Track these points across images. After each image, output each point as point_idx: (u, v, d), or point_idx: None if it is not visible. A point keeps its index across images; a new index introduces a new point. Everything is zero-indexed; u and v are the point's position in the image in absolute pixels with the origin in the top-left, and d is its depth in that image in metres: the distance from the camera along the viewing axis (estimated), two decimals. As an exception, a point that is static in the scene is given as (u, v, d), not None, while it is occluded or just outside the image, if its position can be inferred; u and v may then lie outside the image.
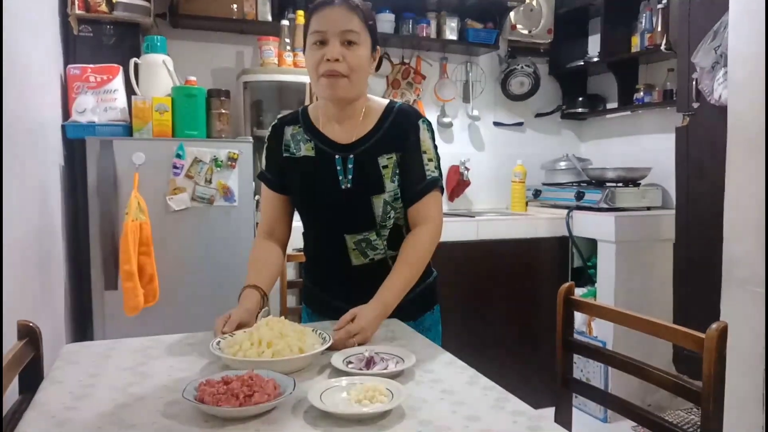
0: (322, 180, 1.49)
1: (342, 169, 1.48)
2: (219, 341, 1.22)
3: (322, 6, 1.40)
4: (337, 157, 1.48)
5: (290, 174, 1.54)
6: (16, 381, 1.15)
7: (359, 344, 1.26)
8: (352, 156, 1.48)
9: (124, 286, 2.16)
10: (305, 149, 1.52)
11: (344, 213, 1.50)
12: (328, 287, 1.59)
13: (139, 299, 2.16)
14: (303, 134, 1.53)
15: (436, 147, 1.52)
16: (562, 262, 3.17)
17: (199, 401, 0.95)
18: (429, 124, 1.53)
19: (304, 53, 1.47)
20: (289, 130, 1.55)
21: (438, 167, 1.51)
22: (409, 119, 1.50)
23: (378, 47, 1.48)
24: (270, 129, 1.59)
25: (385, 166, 1.47)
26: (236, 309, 1.36)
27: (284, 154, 1.54)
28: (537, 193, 3.52)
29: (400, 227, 1.53)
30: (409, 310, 1.54)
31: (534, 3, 3.56)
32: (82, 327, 2.41)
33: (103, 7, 2.47)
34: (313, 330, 1.27)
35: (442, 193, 1.53)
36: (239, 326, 1.30)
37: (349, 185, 1.47)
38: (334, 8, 1.39)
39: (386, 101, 1.55)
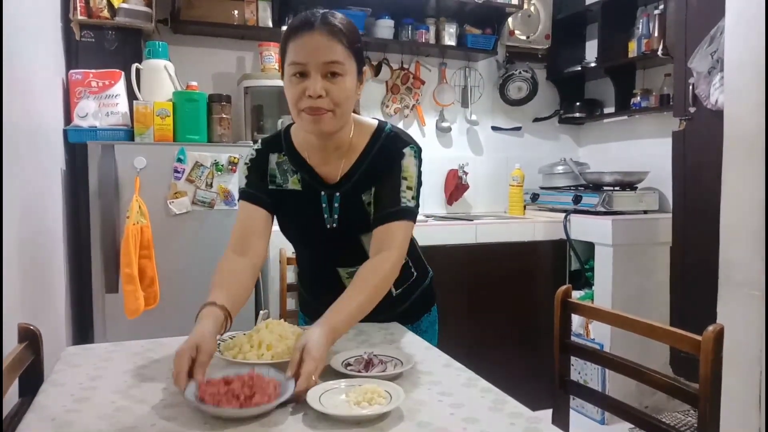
0: (309, 217, 1.41)
1: (327, 207, 1.40)
2: (219, 344, 1.22)
3: (300, 31, 1.25)
4: (322, 194, 1.40)
5: (279, 206, 1.44)
6: (16, 384, 1.16)
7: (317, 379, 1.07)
8: (338, 194, 1.39)
9: (124, 289, 2.17)
10: (292, 182, 1.42)
11: (334, 250, 1.44)
12: (324, 301, 1.57)
13: (140, 302, 2.17)
14: (289, 164, 1.42)
15: (420, 176, 1.39)
16: (559, 265, 3.18)
17: (199, 401, 0.96)
18: (417, 151, 1.39)
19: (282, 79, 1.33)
20: (273, 158, 1.44)
21: (416, 197, 1.36)
22: (395, 146, 1.37)
23: (364, 69, 1.35)
24: (253, 153, 1.45)
25: (369, 203, 1.39)
26: (203, 335, 1.09)
27: (270, 186, 1.43)
28: (535, 197, 3.53)
29: None
30: (408, 313, 1.55)
31: (532, 9, 3.58)
32: (82, 330, 2.41)
33: (105, 13, 2.48)
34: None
35: (414, 222, 1.36)
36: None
37: (335, 225, 1.40)
38: (314, 35, 1.24)
39: (374, 124, 1.42)
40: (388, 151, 1.38)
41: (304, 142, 1.42)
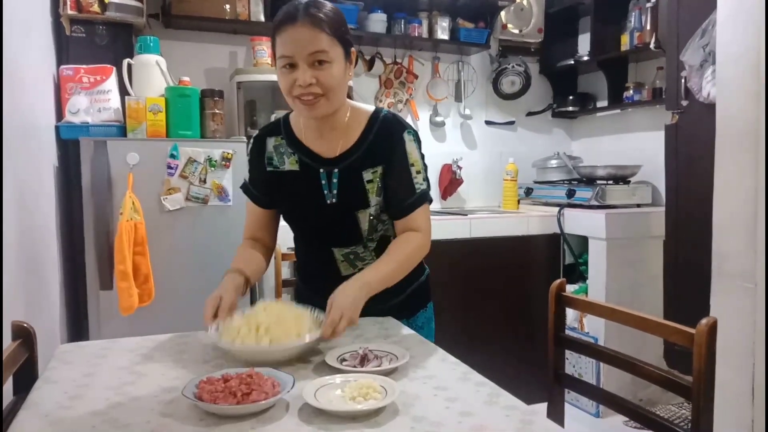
0: (306, 195, 1.46)
1: (327, 183, 1.44)
2: (218, 327, 1.24)
3: (285, 25, 1.31)
4: (321, 171, 1.45)
5: (276, 188, 1.50)
6: (10, 381, 1.15)
7: (348, 325, 1.24)
8: (336, 170, 1.44)
9: (118, 286, 2.16)
10: (289, 163, 1.48)
11: (330, 228, 1.47)
12: (320, 291, 1.58)
13: (134, 299, 2.16)
14: (286, 147, 1.49)
15: (423, 156, 1.47)
16: (553, 259, 3.19)
17: (197, 399, 0.96)
18: (415, 134, 1.47)
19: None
20: (271, 142, 1.51)
21: (426, 178, 1.47)
22: (395, 131, 1.44)
23: (352, 50, 1.40)
24: (252, 141, 1.54)
25: (370, 181, 1.44)
26: (225, 289, 1.33)
27: (268, 168, 1.50)
28: (528, 191, 3.54)
29: (388, 238, 1.51)
30: (403, 308, 1.55)
31: (524, 2, 3.58)
32: (76, 327, 2.40)
33: (96, 8, 2.46)
34: (311, 311, 1.29)
35: (431, 203, 1.49)
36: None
37: (334, 200, 1.44)
38: (297, 27, 1.30)
39: (371, 109, 1.49)
40: (387, 133, 1.44)
41: (301, 126, 1.48)
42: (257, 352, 1.15)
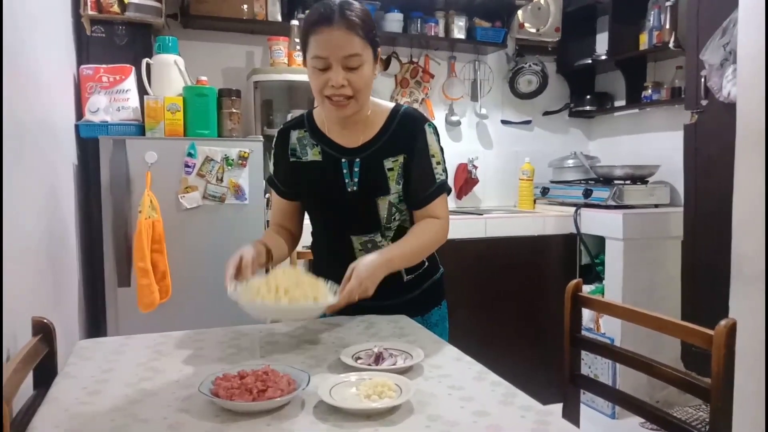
0: (328, 184, 1.50)
1: (348, 172, 1.49)
2: (236, 286, 1.27)
3: (320, 27, 1.34)
4: (343, 160, 1.49)
5: (298, 178, 1.55)
6: (30, 376, 1.17)
7: (360, 298, 1.28)
8: (358, 159, 1.49)
9: (139, 282, 2.18)
10: (312, 154, 1.53)
11: (350, 215, 1.51)
12: (336, 277, 1.60)
13: (155, 296, 2.18)
14: (309, 138, 1.54)
15: (442, 149, 1.52)
16: (570, 259, 3.17)
17: (213, 395, 0.97)
18: (434, 127, 1.53)
19: (305, 65, 1.47)
20: (294, 134, 1.56)
21: (445, 169, 1.52)
22: (416, 123, 1.50)
23: (379, 50, 1.45)
24: (277, 134, 1.59)
25: (391, 169, 1.48)
26: (245, 249, 1.37)
27: (291, 159, 1.55)
28: (545, 191, 3.52)
29: (405, 228, 1.53)
30: (417, 306, 1.56)
31: (542, 1, 3.55)
32: (95, 323, 2.43)
33: (115, 8, 2.49)
34: (325, 281, 1.31)
35: (449, 193, 1.54)
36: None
37: (355, 188, 1.48)
38: (333, 30, 1.32)
39: (391, 105, 1.55)
40: (408, 125, 1.50)
41: (325, 119, 1.53)
42: (277, 309, 1.20)
